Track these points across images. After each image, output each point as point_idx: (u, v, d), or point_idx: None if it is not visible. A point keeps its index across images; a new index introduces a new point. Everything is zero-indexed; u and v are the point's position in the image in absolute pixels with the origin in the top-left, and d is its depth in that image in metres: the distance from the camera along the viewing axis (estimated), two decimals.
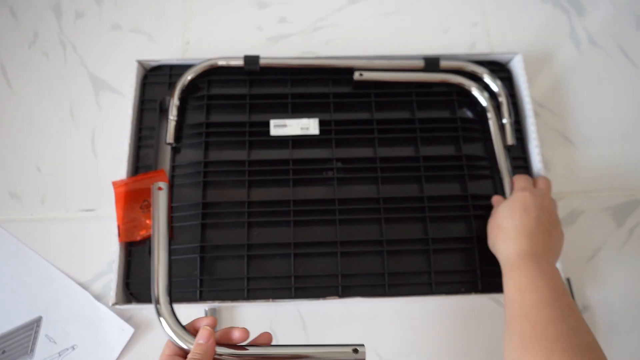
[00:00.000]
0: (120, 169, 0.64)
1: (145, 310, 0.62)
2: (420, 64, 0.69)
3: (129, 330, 0.61)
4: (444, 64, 0.69)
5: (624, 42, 0.77)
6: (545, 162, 0.67)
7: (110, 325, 0.61)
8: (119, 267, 0.60)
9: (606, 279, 0.65)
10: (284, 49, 0.76)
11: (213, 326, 0.43)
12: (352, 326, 0.62)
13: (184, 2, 0.79)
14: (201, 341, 0.41)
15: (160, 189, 0.48)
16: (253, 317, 0.63)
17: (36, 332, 0.61)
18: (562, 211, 0.68)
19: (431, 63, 0.68)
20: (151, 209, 0.51)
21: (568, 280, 0.63)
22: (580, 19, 0.79)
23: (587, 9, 0.80)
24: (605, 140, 0.71)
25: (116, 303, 0.58)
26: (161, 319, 0.44)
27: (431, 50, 0.74)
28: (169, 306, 0.44)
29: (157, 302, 0.44)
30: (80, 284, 0.63)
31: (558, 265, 0.60)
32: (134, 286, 0.61)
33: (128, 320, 0.61)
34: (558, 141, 0.72)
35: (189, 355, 0.41)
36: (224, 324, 0.62)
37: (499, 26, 0.78)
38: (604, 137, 0.72)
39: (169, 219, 0.48)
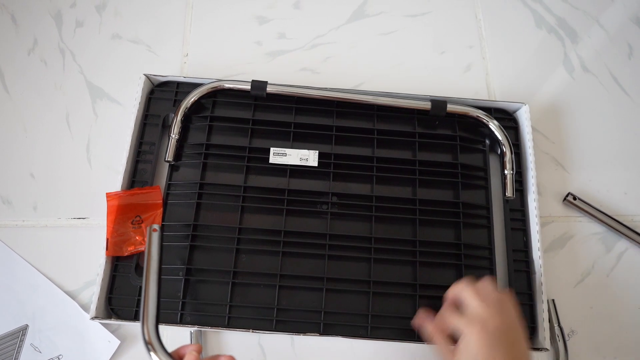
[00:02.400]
0: (115, 179, 0.64)
1: (131, 324, 0.61)
2: (427, 105, 0.68)
3: (115, 342, 0.60)
4: (450, 108, 0.69)
5: (616, 70, 0.78)
6: (537, 185, 0.67)
7: (96, 336, 0.61)
8: (103, 280, 0.59)
9: (594, 303, 0.65)
10: (282, 64, 0.77)
11: (199, 352, 0.44)
12: None
13: (184, 14, 0.79)
14: None
15: (155, 230, 0.48)
16: (238, 342, 0.62)
17: (21, 341, 0.60)
18: (552, 235, 0.68)
19: (438, 106, 0.68)
20: (145, 248, 0.50)
21: (553, 301, 0.63)
22: (574, 46, 0.80)
23: (580, 37, 0.81)
24: (595, 166, 0.72)
25: (96, 317, 0.58)
26: (151, 353, 0.44)
27: (427, 70, 0.76)
28: (158, 342, 0.44)
29: (149, 342, 0.44)
30: (68, 293, 0.63)
31: (543, 288, 0.61)
32: (115, 301, 0.60)
33: (114, 332, 0.61)
34: (550, 165, 0.72)
35: None
36: (209, 347, 0.61)
37: (495, 50, 0.79)
38: (595, 163, 0.72)
39: (161, 260, 0.48)
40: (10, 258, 0.64)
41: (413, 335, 0.60)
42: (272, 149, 0.67)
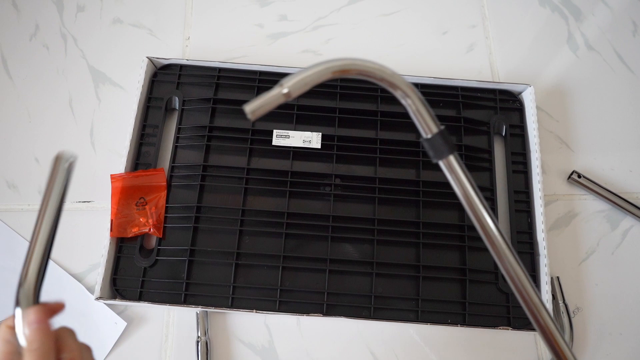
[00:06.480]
0: (118, 163, 0.64)
1: (138, 306, 0.61)
2: None
3: (122, 323, 0.61)
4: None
5: (621, 47, 0.78)
6: (541, 164, 0.67)
7: (103, 318, 0.61)
8: (107, 261, 0.60)
9: (599, 280, 0.65)
10: (284, 46, 0.76)
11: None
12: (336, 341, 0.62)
13: None
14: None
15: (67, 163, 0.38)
16: (244, 322, 0.62)
17: None
18: (556, 213, 0.68)
19: None
20: (50, 179, 0.39)
21: (558, 278, 0.63)
22: (578, 25, 0.79)
23: (584, 15, 0.80)
24: (600, 144, 0.72)
25: (101, 297, 0.58)
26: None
27: (429, 50, 0.76)
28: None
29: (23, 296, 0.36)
30: (74, 276, 0.63)
31: (545, 267, 0.61)
32: (120, 282, 0.61)
33: (120, 314, 0.61)
34: (554, 144, 0.72)
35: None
36: (215, 328, 0.61)
37: (498, 29, 0.79)
38: (600, 141, 0.72)
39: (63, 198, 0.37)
40: (16, 242, 0.64)
41: (416, 316, 0.60)
42: (275, 131, 0.67)
